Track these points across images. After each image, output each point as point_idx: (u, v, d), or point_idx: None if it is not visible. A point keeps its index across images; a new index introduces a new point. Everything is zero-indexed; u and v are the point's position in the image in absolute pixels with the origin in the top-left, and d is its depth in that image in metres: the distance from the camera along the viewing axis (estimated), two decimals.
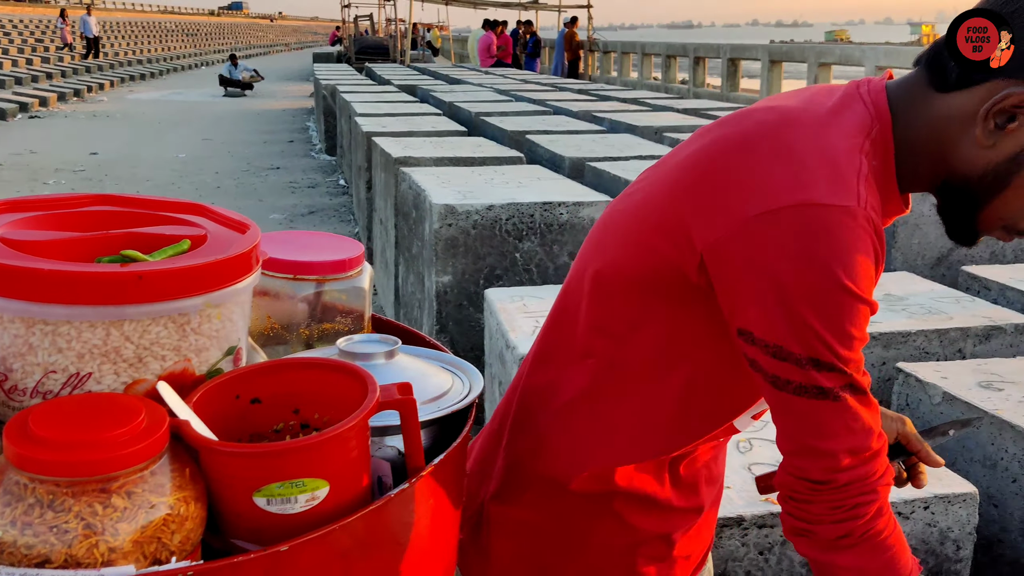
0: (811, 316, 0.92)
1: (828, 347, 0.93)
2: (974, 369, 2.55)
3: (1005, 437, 2.19)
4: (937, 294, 3.34)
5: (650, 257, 1.03)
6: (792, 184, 0.93)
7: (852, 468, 0.95)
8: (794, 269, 0.92)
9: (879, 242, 0.95)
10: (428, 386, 1.03)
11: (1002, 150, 0.97)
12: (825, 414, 0.95)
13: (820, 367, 0.93)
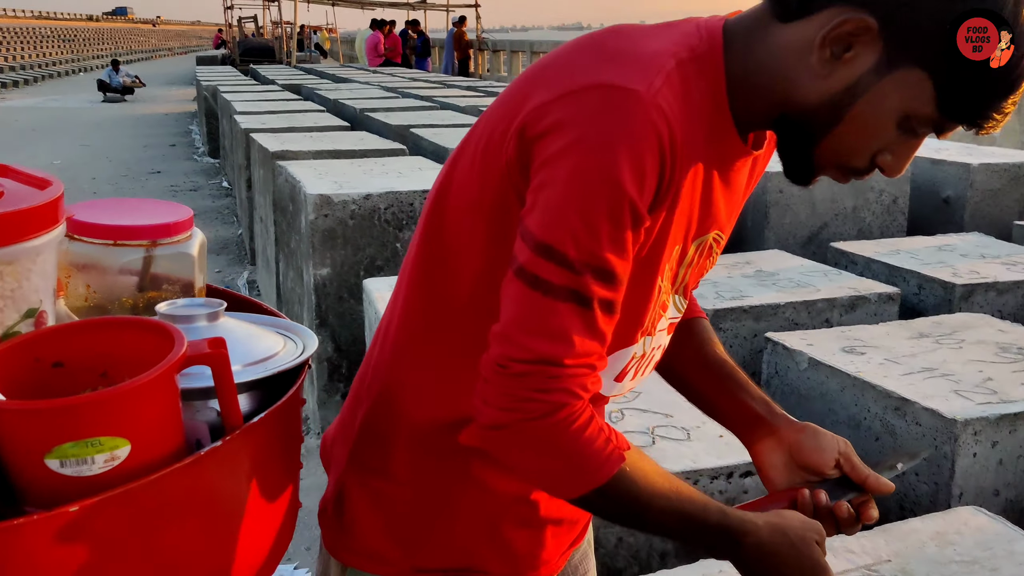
0: (569, 197, 0.88)
1: (568, 236, 0.88)
2: (838, 336, 2.64)
3: (867, 398, 2.26)
4: (806, 269, 3.44)
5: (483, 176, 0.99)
6: (591, 70, 0.91)
7: (534, 365, 0.90)
8: (562, 147, 0.88)
9: (672, 144, 0.91)
10: (256, 348, 0.98)
11: (838, 80, 0.94)
12: (529, 305, 0.90)
13: (549, 255, 0.89)
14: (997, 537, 1.55)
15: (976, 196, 4.54)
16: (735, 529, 1.02)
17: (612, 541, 1.78)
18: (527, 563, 1.17)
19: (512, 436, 0.95)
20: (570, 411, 0.94)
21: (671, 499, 1.01)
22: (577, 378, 0.93)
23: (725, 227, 1.10)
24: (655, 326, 1.08)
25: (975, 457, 2.04)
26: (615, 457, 0.97)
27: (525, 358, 0.91)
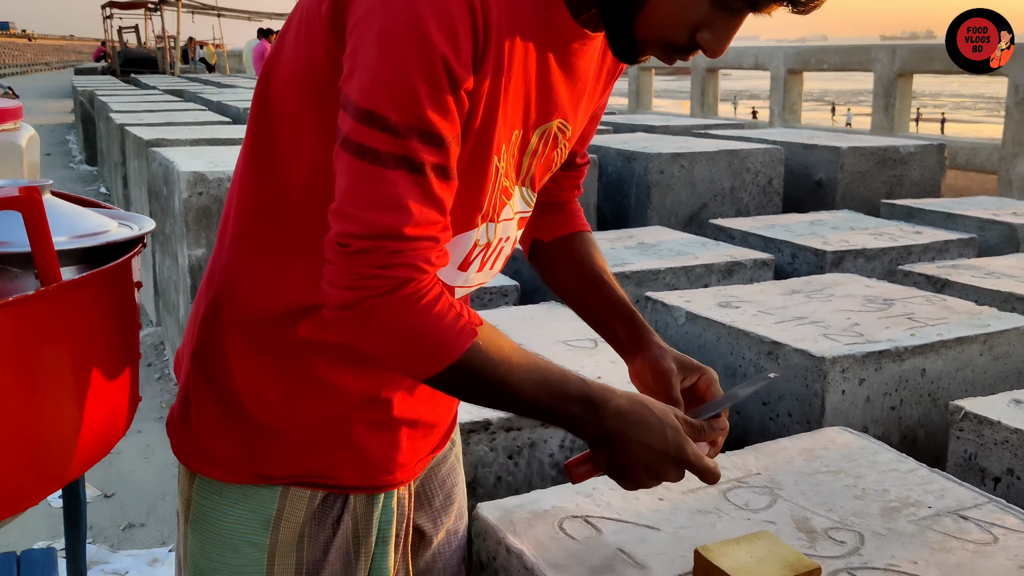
0: (381, 58, 0.86)
1: (386, 99, 0.86)
2: (715, 294, 2.69)
3: (742, 345, 2.31)
4: (686, 240, 3.51)
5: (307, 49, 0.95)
6: None
7: (374, 240, 0.89)
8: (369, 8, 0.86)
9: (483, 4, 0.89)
10: (85, 224, 0.93)
11: None
12: (360, 177, 0.88)
13: (371, 121, 0.87)
14: (862, 450, 1.59)
15: (846, 178, 4.73)
16: (596, 396, 1.02)
17: (491, 480, 1.75)
18: (380, 467, 1.13)
19: (360, 316, 0.92)
20: (417, 286, 0.92)
21: (529, 371, 0.99)
22: (420, 251, 0.91)
23: (570, 117, 1.08)
24: (498, 212, 1.05)
25: (844, 395, 2.10)
26: (467, 332, 0.95)
27: (364, 233, 0.89)
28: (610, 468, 1.04)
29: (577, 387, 1.02)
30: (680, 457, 1.04)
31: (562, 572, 1.20)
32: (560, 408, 1.01)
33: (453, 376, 0.96)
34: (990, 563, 1.22)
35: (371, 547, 1.15)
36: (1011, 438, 1.70)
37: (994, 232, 3.87)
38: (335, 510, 1.13)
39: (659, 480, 1.05)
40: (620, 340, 1.26)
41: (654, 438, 1.02)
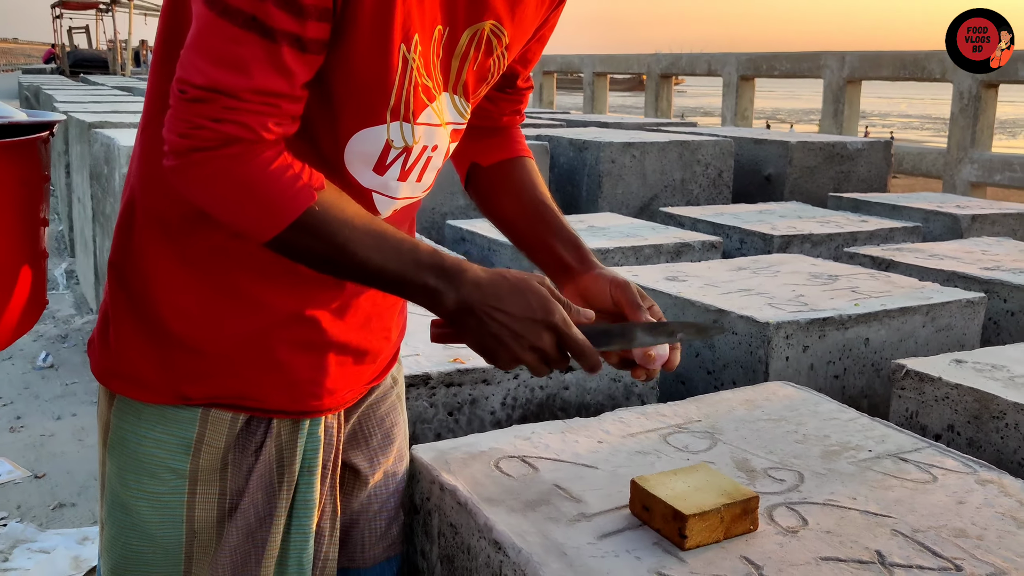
0: None
1: None
2: (663, 270, 2.68)
3: (688, 314, 2.29)
4: (636, 225, 3.51)
5: None
6: None
7: (209, 92, 0.86)
8: None
9: None
10: None
11: None
12: (211, 31, 0.85)
13: None
14: (803, 401, 1.58)
15: (795, 173, 4.77)
16: (450, 266, 0.98)
17: (430, 437, 1.71)
18: (306, 391, 1.08)
19: (190, 165, 0.89)
20: (248, 147, 0.89)
21: (375, 236, 0.95)
22: (258, 115, 0.88)
23: (506, 21, 1.03)
24: (414, 113, 0.99)
25: (787, 361, 2.10)
26: (304, 192, 0.91)
27: (200, 84, 0.86)
28: (477, 344, 0.99)
29: (429, 256, 0.97)
30: (548, 321, 0.98)
31: (496, 506, 1.16)
32: (410, 277, 0.96)
33: (293, 238, 0.92)
34: (929, 499, 1.21)
35: (294, 475, 1.10)
36: (951, 394, 1.70)
37: (938, 223, 3.93)
38: (258, 435, 1.08)
39: (532, 350, 0.98)
40: (565, 263, 1.20)
41: (517, 305, 0.97)
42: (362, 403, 1.20)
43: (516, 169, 1.26)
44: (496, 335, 0.98)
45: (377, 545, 1.26)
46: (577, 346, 1.00)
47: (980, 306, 2.38)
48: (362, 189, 1.03)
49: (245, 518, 1.08)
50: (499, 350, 0.99)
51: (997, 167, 7.25)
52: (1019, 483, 1.27)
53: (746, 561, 1.05)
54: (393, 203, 1.06)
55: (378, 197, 1.04)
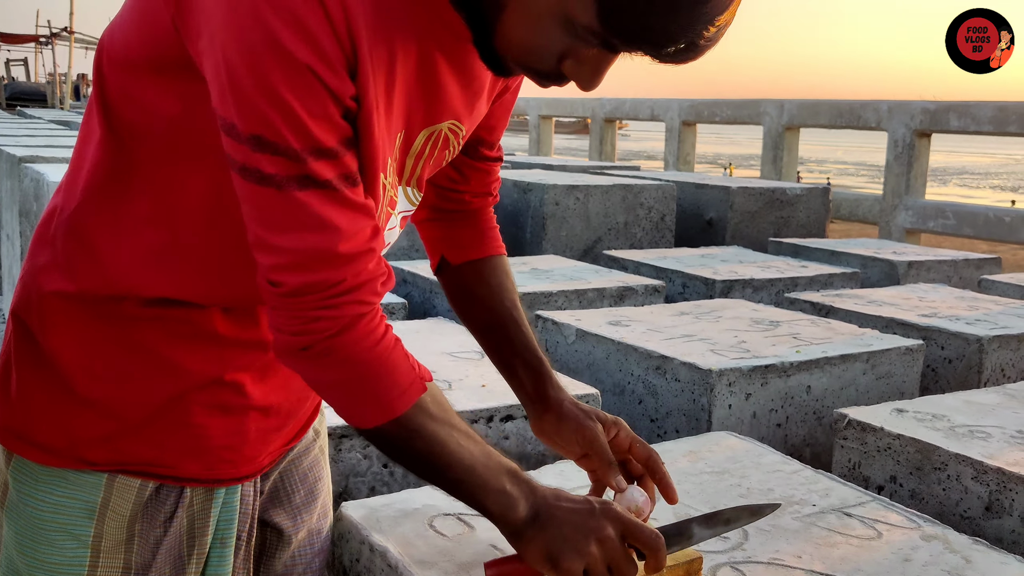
0: (247, 81, 0.78)
1: (267, 122, 0.78)
2: (606, 314, 2.65)
3: (631, 361, 2.26)
4: (579, 268, 3.49)
5: (143, 24, 0.87)
6: None
7: (305, 270, 0.83)
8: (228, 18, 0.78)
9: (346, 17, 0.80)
10: None
11: None
12: (270, 204, 0.81)
13: (262, 146, 0.79)
14: (747, 453, 1.55)
15: (736, 217, 4.82)
16: (521, 472, 0.97)
17: (364, 492, 1.64)
18: (223, 457, 1.02)
19: (315, 358, 0.87)
20: (368, 324, 0.87)
21: (470, 437, 0.94)
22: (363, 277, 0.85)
23: (464, 117, 1.00)
24: (384, 224, 0.97)
25: (730, 409, 2.07)
26: (416, 385, 0.91)
27: (292, 262, 0.82)
28: (544, 551, 0.95)
29: (509, 464, 0.96)
30: (610, 512, 0.96)
31: (428, 569, 1.10)
32: (493, 482, 0.94)
33: (394, 431, 0.91)
34: (873, 556, 1.18)
35: (205, 548, 1.03)
36: (893, 444, 1.69)
37: (876, 269, 3.99)
38: (168, 504, 1.01)
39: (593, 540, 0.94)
40: (525, 389, 1.18)
41: (579, 504, 0.96)
42: (282, 461, 1.14)
43: (485, 273, 1.21)
44: (560, 532, 0.94)
45: None
46: (643, 533, 0.96)
47: (919, 353, 2.39)
48: None
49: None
50: (563, 547, 0.94)
51: (931, 214, 7.43)
52: (964, 539, 1.25)
53: None
54: None
55: None
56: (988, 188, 23.59)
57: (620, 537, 0.95)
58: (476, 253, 1.21)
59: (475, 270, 1.21)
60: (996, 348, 2.52)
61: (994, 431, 1.71)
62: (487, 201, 1.23)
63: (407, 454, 0.94)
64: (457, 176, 1.18)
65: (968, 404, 1.88)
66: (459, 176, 1.18)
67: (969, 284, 3.96)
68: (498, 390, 1.84)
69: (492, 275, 1.20)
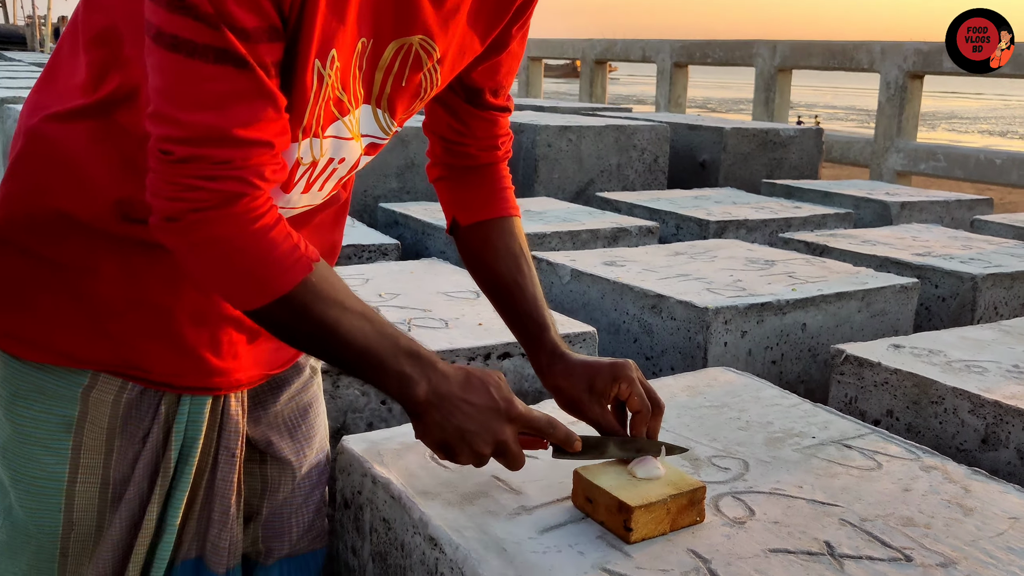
0: None
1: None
2: (600, 254, 2.64)
3: (626, 300, 2.26)
4: (573, 209, 3.47)
5: None
6: None
7: (196, 145, 0.80)
8: None
9: None
10: None
11: None
12: (177, 73, 0.79)
13: (184, 9, 0.77)
14: (745, 387, 1.55)
15: (729, 159, 4.79)
16: (426, 356, 0.96)
17: (362, 428, 1.64)
18: (198, 367, 1.03)
19: (186, 230, 0.83)
20: (249, 204, 0.83)
21: (364, 317, 0.91)
22: (252, 160, 0.82)
23: (438, 38, 0.97)
24: (323, 126, 0.93)
25: (726, 347, 2.08)
26: (302, 264, 0.87)
27: (186, 136, 0.79)
28: (439, 438, 0.97)
29: (408, 342, 0.95)
30: (512, 412, 0.98)
31: (432, 499, 1.10)
32: (389, 362, 0.93)
33: (280, 312, 0.88)
34: (874, 486, 1.19)
35: (171, 462, 1.05)
36: (891, 379, 1.69)
37: (869, 209, 3.98)
38: (146, 422, 1.03)
39: (491, 443, 0.97)
40: (531, 357, 1.18)
41: (482, 397, 0.97)
42: (281, 393, 1.15)
43: (494, 236, 1.18)
44: (460, 427, 0.95)
45: (304, 538, 1.20)
46: (539, 423, 1.00)
47: (914, 292, 2.39)
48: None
49: (130, 509, 1.02)
50: (460, 444, 0.96)
51: (922, 156, 7.41)
52: (962, 469, 1.25)
53: (693, 555, 1.00)
54: (289, 212, 1.01)
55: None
56: (977, 133, 23.52)
57: (515, 439, 0.98)
58: (485, 214, 1.20)
59: (483, 232, 1.19)
60: (990, 286, 2.52)
61: (990, 366, 1.72)
62: (495, 156, 1.21)
63: (297, 336, 0.91)
64: (460, 127, 1.16)
65: (964, 340, 1.89)
66: (462, 126, 1.16)
67: (961, 225, 3.96)
68: (494, 328, 1.84)
69: (499, 238, 1.19)
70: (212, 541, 1.09)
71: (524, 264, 1.17)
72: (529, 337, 1.17)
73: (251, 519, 1.17)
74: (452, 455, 0.97)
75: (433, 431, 0.96)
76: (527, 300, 1.16)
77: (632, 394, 1.09)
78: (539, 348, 1.15)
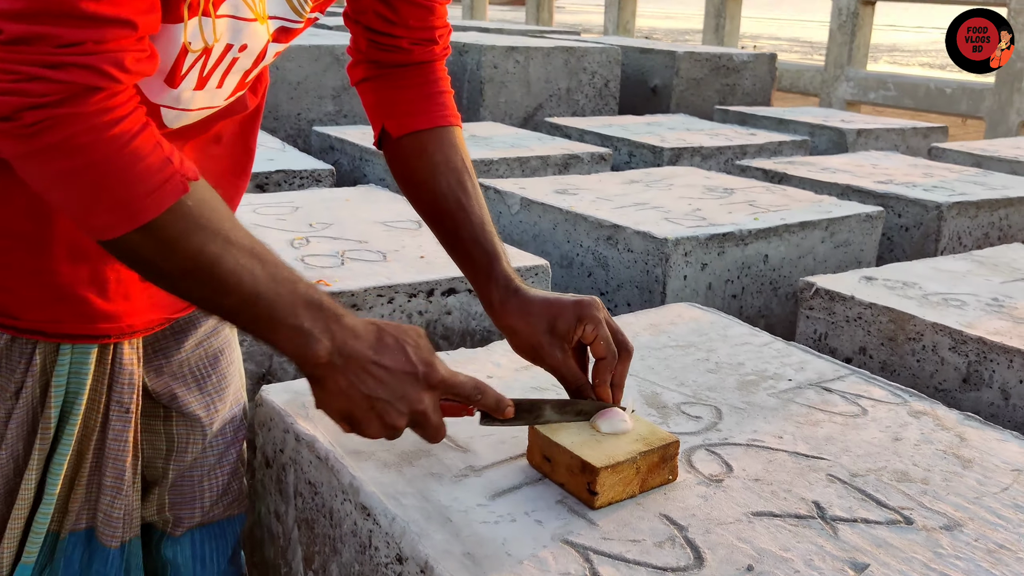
0: None
1: None
2: (551, 182, 2.48)
3: (579, 231, 2.11)
4: (521, 135, 3.29)
5: None
6: None
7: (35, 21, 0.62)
8: None
9: None
10: None
11: None
12: None
13: None
14: (711, 325, 1.41)
15: (681, 85, 4.62)
16: (330, 308, 0.78)
17: (290, 372, 1.48)
18: (77, 310, 0.86)
19: (22, 134, 0.64)
20: (103, 103, 0.65)
21: (253, 255, 0.73)
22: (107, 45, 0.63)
23: None
24: (215, 2, 0.75)
25: (686, 280, 1.94)
26: (174, 183, 0.68)
27: (20, 9, 0.61)
28: (343, 407, 0.80)
29: (307, 289, 0.77)
30: (431, 377, 0.81)
31: (364, 460, 0.95)
32: (283, 313, 0.74)
33: (144, 244, 0.69)
34: (861, 435, 1.07)
35: (51, 420, 0.89)
36: (864, 314, 1.58)
37: (824, 137, 3.86)
38: (17, 372, 0.87)
39: (407, 413, 0.80)
40: (479, 292, 1.01)
41: (396, 358, 0.79)
42: (186, 339, 0.97)
43: (429, 148, 1.00)
44: (369, 395, 0.78)
45: (218, 503, 1.05)
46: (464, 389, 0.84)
47: (879, 220, 2.28)
48: (149, 105, 0.78)
49: (3, 474, 0.87)
50: (368, 415, 0.80)
51: (872, 85, 7.32)
52: (954, 414, 1.14)
53: (667, 520, 0.87)
54: (184, 116, 0.82)
55: (167, 112, 0.79)
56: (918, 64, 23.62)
57: (435, 408, 0.83)
58: (419, 123, 1.01)
59: (418, 144, 1.01)
60: (955, 215, 2.42)
61: (968, 299, 1.61)
62: (432, 52, 1.02)
63: (166, 276, 0.73)
64: (390, 13, 0.98)
65: (938, 272, 1.78)
66: (392, 13, 0.98)
67: (917, 153, 3.88)
68: (438, 262, 1.67)
69: (438, 150, 1.01)
70: (104, 510, 0.93)
71: (468, 182, 1.01)
72: (476, 268, 1.00)
73: (154, 484, 1.01)
74: (359, 427, 0.81)
75: (336, 399, 0.79)
76: (472, 224, 0.99)
77: (598, 338, 0.93)
78: (489, 281, 0.98)
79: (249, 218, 1.89)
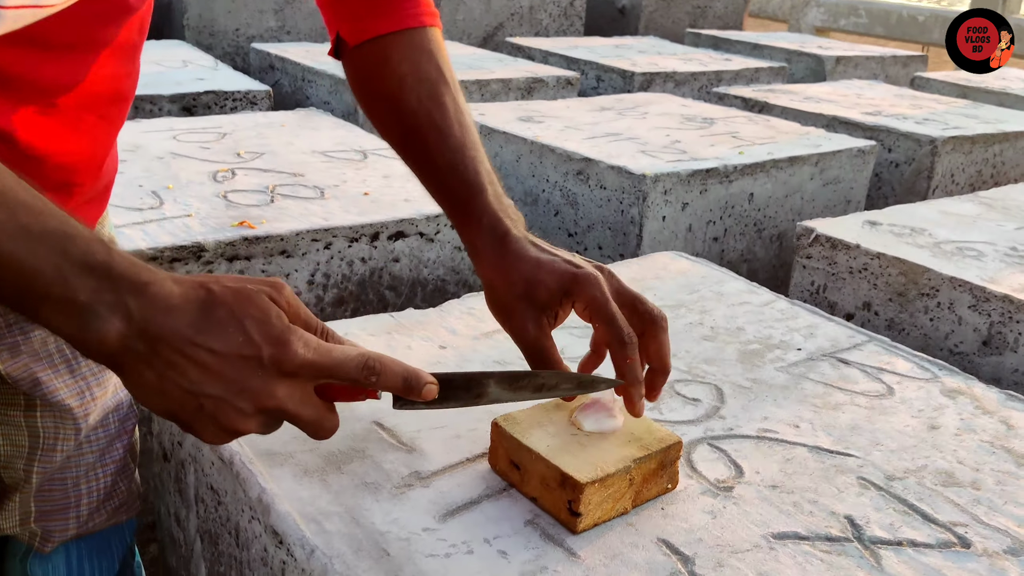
0: None
1: None
2: (515, 108, 2.25)
3: (546, 164, 1.89)
4: (480, 56, 3.03)
5: None
6: None
7: None
8: None
9: None
10: None
11: None
12: None
13: None
14: (703, 280, 1.22)
15: (651, 5, 4.36)
16: (124, 272, 0.53)
17: None
18: None
19: None
20: None
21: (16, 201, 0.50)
22: None
23: None
24: None
25: (664, 221, 1.74)
26: None
27: None
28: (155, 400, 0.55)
29: (87, 246, 0.52)
30: (284, 359, 0.55)
31: (279, 465, 0.74)
32: (44, 280, 0.51)
33: None
34: (891, 423, 0.88)
35: None
36: (871, 265, 1.39)
37: (801, 64, 3.65)
38: None
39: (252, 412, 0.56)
40: (461, 235, 0.79)
41: (228, 337, 0.54)
42: None
43: (395, 57, 0.78)
44: (192, 391, 0.54)
45: (101, 510, 0.84)
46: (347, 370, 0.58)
47: (871, 156, 2.09)
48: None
49: None
50: (197, 417, 0.55)
51: (843, 12, 7.10)
52: (993, 393, 0.96)
53: (667, 549, 0.68)
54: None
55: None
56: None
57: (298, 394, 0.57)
58: (381, 25, 0.79)
59: (380, 52, 0.79)
60: (950, 151, 2.24)
61: (985, 248, 1.43)
62: None
63: None
64: None
65: (945, 215, 1.59)
66: None
67: (896, 82, 3.69)
68: (384, 200, 1.45)
69: (404, 59, 0.79)
70: None
71: (446, 95, 0.78)
72: (454, 203, 0.78)
73: (14, 490, 0.79)
74: (192, 432, 0.57)
75: (150, 397, 0.55)
76: (449, 148, 0.77)
77: (597, 320, 0.72)
78: (469, 220, 0.76)
79: (167, 146, 1.64)
